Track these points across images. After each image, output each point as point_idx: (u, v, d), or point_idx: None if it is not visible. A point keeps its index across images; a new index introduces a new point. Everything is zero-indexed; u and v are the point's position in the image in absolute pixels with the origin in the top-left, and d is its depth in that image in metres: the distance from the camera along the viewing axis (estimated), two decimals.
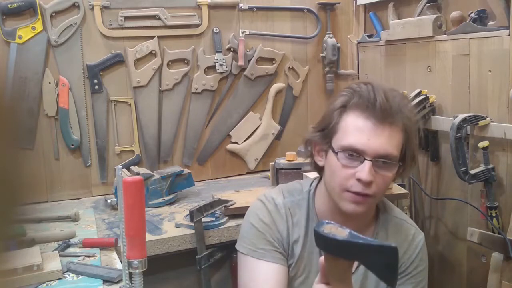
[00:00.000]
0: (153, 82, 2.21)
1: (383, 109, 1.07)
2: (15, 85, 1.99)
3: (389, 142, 1.08)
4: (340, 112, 1.13)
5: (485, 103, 1.74)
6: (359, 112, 1.10)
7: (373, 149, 1.07)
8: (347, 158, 1.10)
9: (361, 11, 2.45)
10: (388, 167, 1.10)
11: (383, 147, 1.08)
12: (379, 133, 1.08)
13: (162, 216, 1.85)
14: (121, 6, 2.13)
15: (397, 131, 1.10)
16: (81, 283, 1.31)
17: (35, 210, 1.79)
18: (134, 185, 1.07)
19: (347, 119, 1.11)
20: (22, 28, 1.97)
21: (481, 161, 1.72)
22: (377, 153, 1.08)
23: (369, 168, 1.07)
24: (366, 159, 1.08)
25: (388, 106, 1.08)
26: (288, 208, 1.22)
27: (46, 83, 2.03)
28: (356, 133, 1.09)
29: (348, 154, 1.09)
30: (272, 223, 1.20)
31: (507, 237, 1.62)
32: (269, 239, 1.18)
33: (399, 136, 1.11)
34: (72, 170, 2.12)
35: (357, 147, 1.08)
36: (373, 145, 1.07)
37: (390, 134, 1.09)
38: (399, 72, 2.15)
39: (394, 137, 1.09)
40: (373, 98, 1.08)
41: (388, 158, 1.09)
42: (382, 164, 1.09)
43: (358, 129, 1.09)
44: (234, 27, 2.33)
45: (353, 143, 1.08)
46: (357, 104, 1.10)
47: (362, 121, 1.09)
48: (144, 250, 1.11)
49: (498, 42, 1.66)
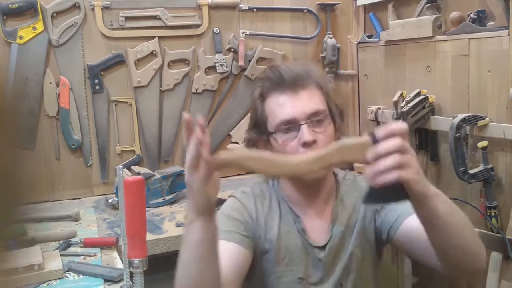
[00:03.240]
0: (154, 82, 2.21)
1: (291, 78, 1.18)
2: (16, 85, 2.00)
3: (310, 100, 1.18)
4: (261, 101, 1.22)
5: (484, 103, 1.74)
6: (274, 92, 1.20)
7: (301, 112, 1.15)
8: (285, 133, 1.17)
9: (360, 12, 2.45)
10: (322, 122, 1.17)
11: (308, 106, 1.16)
12: (298, 98, 1.17)
13: (163, 216, 1.85)
14: (122, 7, 2.14)
15: (313, 90, 1.19)
16: (82, 282, 1.31)
17: (36, 210, 1.79)
18: (135, 185, 1.08)
19: (269, 103, 1.20)
20: (23, 28, 1.98)
21: (480, 161, 1.72)
22: (306, 114, 1.16)
23: (307, 130, 1.14)
24: (300, 125, 1.15)
25: (293, 74, 1.18)
26: (256, 194, 1.27)
27: (47, 83, 2.04)
28: (280, 108, 1.18)
29: (284, 129, 1.17)
30: (240, 206, 1.23)
31: (506, 237, 1.63)
32: (235, 221, 1.19)
33: (317, 93, 1.20)
34: (73, 170, 2.13)
35: (287, 118, 1.16)
36: (299, 109, 1.16)
37: (309, 94, 1.18)
38: (398, 72, 2.15)
39: (313, 96, 1.19)
40: (279, 75, 1.19)
41: (318, 113, 1.17)
42: (317, 122, 1.16)
43: (280, 105, 1.18)
44: (234, 28, 2.33)
45: (282, 117, 1.17)
46: (270, 87, 1.20)
47: (280, 96, 1.18)
48: (144, 249, 1.11)
49: (497, 42, 1.67)
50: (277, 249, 1.21)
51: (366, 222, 1.25)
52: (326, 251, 1.21)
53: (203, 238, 0.93)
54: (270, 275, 1.22)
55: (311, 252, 1.22)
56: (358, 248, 1.23)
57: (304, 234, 1.22)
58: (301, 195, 1.24)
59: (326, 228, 1.24)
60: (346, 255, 1.23)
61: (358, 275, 1.23)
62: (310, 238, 1.22)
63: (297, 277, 1.20)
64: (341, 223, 1.24)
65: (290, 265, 1.21)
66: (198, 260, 0.94)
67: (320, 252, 1.22)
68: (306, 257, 1.21)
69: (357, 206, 1.26)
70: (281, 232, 1.22)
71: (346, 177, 1.32)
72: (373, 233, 1.25)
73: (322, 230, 1.24)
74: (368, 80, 2.40)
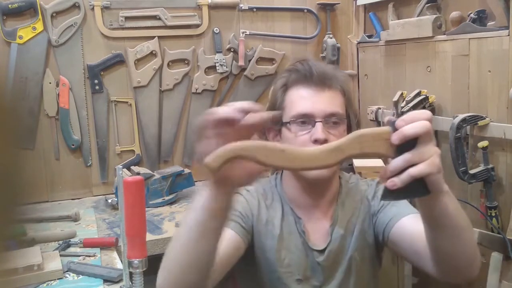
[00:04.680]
0: (154, 82, 2.21)
1: (320, 75, 1.18)
2: (16, 85, 1.99)
3: (332, 102, 1.17)
4: (283, 91, 1.21)
5: (484, 103, 1.74)
6: (299, 85, 1.19)
7: (320, 110, 1.15)
8: (299, 126, 1.17)
9: (361, 12, 2.45)
10: (337, 126, 1.17)
11: (328, 106, 1.16)
12: (321, 96, 1.17)
13: (163, 216, 1.85)
14: (122, 7, 2.14)
15: (337, 93, 1.19)
16: (82, 282, 1.31)
17: (35, 210, 1.79)
18: (135, 185, 1.08)
19: (291, 94, 1.20)
20: (22, 28, 1.98)
21: (481, 161, 1.72)
22: (325, 113, 1.15)
23: (321, 128, 1.14)
24: (316, 121, 1.15)
25: (323, 72, 1.18)
26: (260, 193, 1.27)
27: (47, 83, 2.04)
28: (301, 101, 1.18)
29: (299, 121, 1.17)
30: (244, 201, 1.23)
31: (507, 237, 1.63)
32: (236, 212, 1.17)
33: (340, 97, 1.20)
34: (73, 170, 2.13)
35: (305, 112, 1.16)
36: (319, 106, 1.15)
37: (332, 95, 1.18)
38: (398, 72, 2.15)
39: (335, 98, 1.19)
40: (309, 69, 1.19)
41: (335, 116, 1.16)
42: (333, 124, 1.16)
43: (302, 98, 1.18)
44: (234, 28, 2.33)
45: (301, 110, 1.16)
46: (296, 79, 1.20)
47: (304, 90, 1.18)
48: (144, 249, 1.11)
49: (497, 42, 1.66)
50: (278, 248, 1.21)
51: (366, 226, 1.24)
52: (325, 255, 1.21)
53: (213, 207, 0.84)
54: (270, 275, 1.21)
55: (310, 255, 1.21)
56: (357, 251, 1.22)
57: (304, 236, 1.22)
58: (306, 195, 1.23)
59: (326, 231, 1.23)
60: (345, 259, 1.22)
61: (358, 279, 1.22)
62: (310, 240, 1.22)
63: (296, 278, 1.20)
64: (341, 226, 1.23)
65: (290, 266, 1.21)
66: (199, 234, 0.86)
67: (319, 256, 1.21)
68: (306, 259, 1.21)
69: (357, 210, 1.25)
70: (283, 232, 1.22)
71: (350, 180, 1.31)
72: (372, 236, 1.24)
73: (322, 233, 1.23)
74: (368, 80, 2.40)
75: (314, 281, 1.21)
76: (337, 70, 1.27)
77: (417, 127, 0.75)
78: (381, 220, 1.20)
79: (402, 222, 1.13)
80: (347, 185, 1.30)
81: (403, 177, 0.76)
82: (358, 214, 1.25)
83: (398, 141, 0.75)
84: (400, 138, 0.75)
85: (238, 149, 0.76)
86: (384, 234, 1.18)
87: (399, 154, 0.76)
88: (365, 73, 2.42)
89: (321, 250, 1.21)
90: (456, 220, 0.88)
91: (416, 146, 0.76)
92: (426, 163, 0.76)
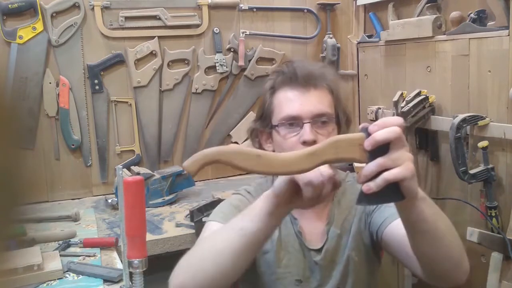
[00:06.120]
0: (154, 82, 2.21)
1: (304, 76, 1.18)
2: (16, 85, 1.99)
3: (319, 102, 1.18)
4: (270, 94, 1.23)
5: (484, 103, 1.74)
6: (286, 87, 1.20)
7: (308, 111, 1.16)
8: (288, 128, 1.17)
9: (361, 12, 2.45)
10: (326, 126, 1.17)
11: (316, 107, 1.16)
12: (308, 96, 1.17)
13: (163, 216, 1.85)
14: (122, 7, 2.13)
15: (324, 92, 1.19)
16: (82, 282, 1.31)
17: (35, 210, 1.79)
18: (135, 185, 1.08)
19: (278, 96, 1.21)
20: (22, 28, 1.98)
21: (481, 161, 1.72)
22: (312, 114, 1.16)
23: (310, 129, 1.14)
24: (304, 123, 1.15)
25: (308, 72, 1.19)
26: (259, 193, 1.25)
27: (47, 83, 2.04)
28: (288, 103, 1.18)
29: (287, 124, 1.17)
30: (246, 201, 1.23)
31: (507, 237, 1.63)
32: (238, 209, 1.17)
33: (328, 97, 1.20)
34: (73, 170, 2.13)
35: (293, 114, 1.17)
36: (306, 107, 1.16)
37: (319, 95, 1.18)
38: (398, 72, 2.15)
39: (323, 97, 1.19)
40: (293, 70, 1.20)
41: (323, 116, 1.17)
42: (321, 124, 1.16)
43: (289, 100, 1.19)
44: (234, 27, 2.33)
45: (288, 112, 1.17)
46: (282, 81, 1.21)
47: (290, 92, 1.19)
48: (144, 249, 1.11)
49: (497, 42, 1.66)
50: (278, 250, 1.21)
51: (362, 225, 1.23)
52: (322, 254, 1.21)
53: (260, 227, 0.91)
54: (269, 276, 1.21)
55: (308, 255, 1.21)
56: (354, 251, 1.22)
57: (301, 237, 1.22)
58: None
59: (322, 231, 1.23)
60: (343, 259, 1.21)
61: (356, 279, 1.22)
62: (307, 240, 1.22)
63: (295, 279, 1.20)
64: (337, 226, 1.23)
65: (289, 267, 1.21)
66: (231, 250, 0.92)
67: (316, 255, 1.21)
68: (304, 259, 1.21)
69: (353, 209, 1.25)
70: (282, 233, 1.22)
71: (346, 179, 1.31)
72: (368, 236, 1.23)
73: (318, 233, 1.23)
74: (368, 80, 2.40)
75: (313, 281, 1.21)
76: (325, 68, 1.26)
77: (387, 133, 0.77)
78: (375, 221, 1.19)
79: (395, 224, 1.11)
80: (343, 184, 1.29)
81: (378, 181, 0.77)
82: (355, 213, 1.24)
83: (370, 147, 0.77)
84: (372, 143, 0.77)
85: (215, 154, 0.81)
86: (377, 234, 1.18)
87: (373, 160, 0.78)
88: (365, 73, 2.42)
89: (318, 250, 1.21)
90: (435, 225, 0.88)
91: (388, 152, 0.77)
92: (401, 167, 0.77)
